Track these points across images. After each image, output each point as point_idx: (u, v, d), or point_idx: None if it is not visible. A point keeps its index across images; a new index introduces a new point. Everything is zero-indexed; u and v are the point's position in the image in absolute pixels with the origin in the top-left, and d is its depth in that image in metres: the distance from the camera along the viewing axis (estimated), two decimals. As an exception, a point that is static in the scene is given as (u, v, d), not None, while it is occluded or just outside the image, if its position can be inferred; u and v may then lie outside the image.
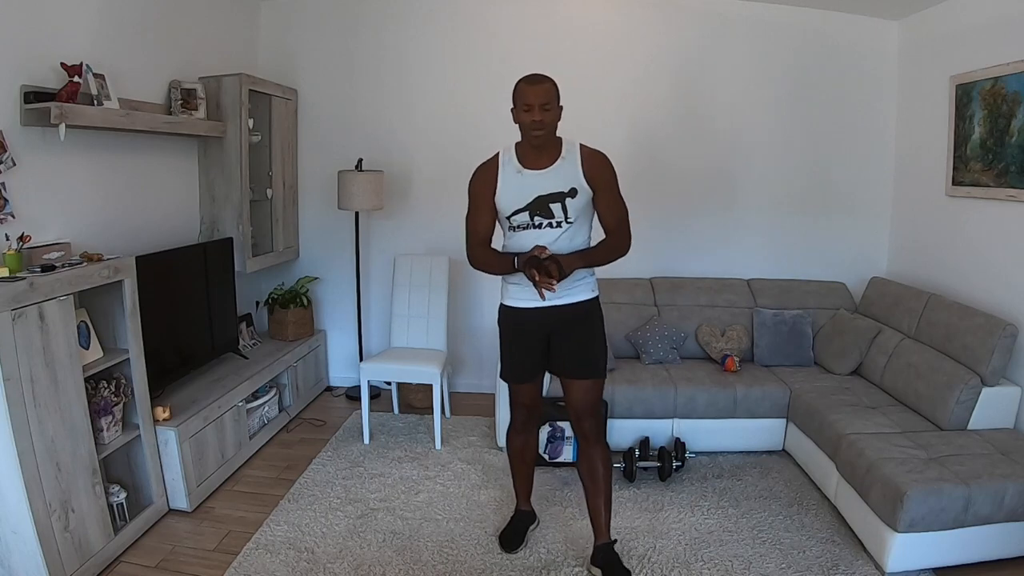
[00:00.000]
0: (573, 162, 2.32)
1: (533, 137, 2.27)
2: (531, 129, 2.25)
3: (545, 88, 2.25)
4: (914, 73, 3.95)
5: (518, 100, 2.28)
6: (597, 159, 2.34)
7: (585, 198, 2.32)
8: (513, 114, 2.32)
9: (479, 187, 2.39)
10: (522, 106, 2.25)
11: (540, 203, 2.30)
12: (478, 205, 2.41)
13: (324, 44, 4.26)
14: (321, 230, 4.42)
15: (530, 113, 2.23)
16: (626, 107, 4.19)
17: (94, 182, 2.86)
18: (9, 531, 2.16)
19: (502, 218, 2.39)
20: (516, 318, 2.44)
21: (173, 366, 3.13)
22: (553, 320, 2.38)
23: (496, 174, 2.36)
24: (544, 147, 2.32)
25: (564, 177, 2.30)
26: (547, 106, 2.23)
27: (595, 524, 2.53)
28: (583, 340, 2.44)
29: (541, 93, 2.23)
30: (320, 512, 2.92)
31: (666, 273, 4.24)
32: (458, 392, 4.41)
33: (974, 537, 2.47)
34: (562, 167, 2.31)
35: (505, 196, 2.34)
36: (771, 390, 3.47)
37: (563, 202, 2.29)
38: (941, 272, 3.68)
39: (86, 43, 2.73)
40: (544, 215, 2.30)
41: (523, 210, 2.31)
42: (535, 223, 2.31)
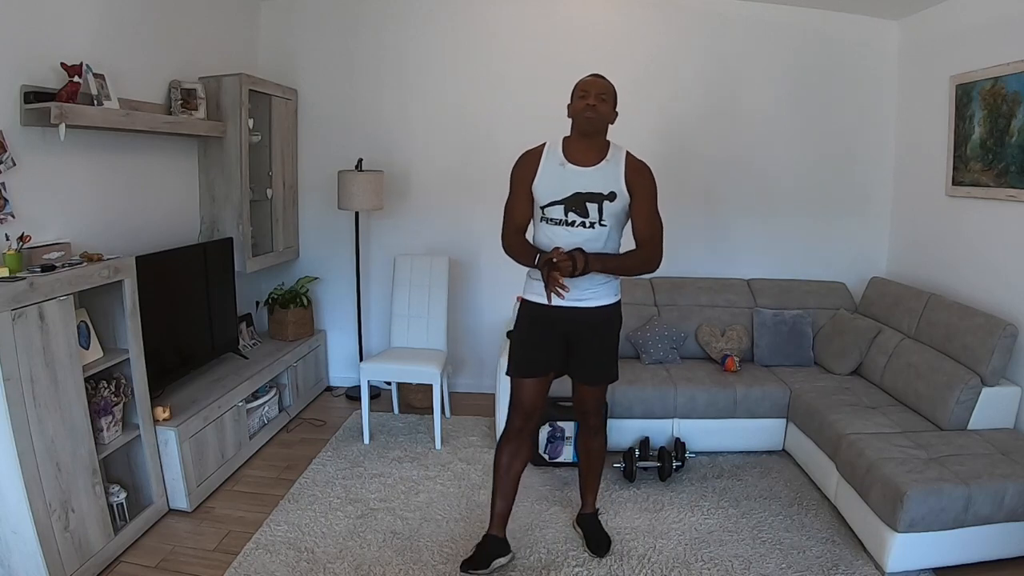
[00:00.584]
0: (617, 166, 2.32)
1: (585, 120, 2.28)
2: (583, 112, 2.27)
3: (603, 82, 2.34)
4: (914, 73, 3.96)
5: (576, 89, 2.33)
6: (641, 168, 2.35)
7: (622, 204, 2.31)
8: (568, 108, 2.35)
9: (520, 173, 2.39)
10: (579, 93, 2.31)
11: (577, 200, 2.30)
12: (516, 191, 2.41)
13: (324, 44, 4.26)
14: (321, 230, 4.42)
15: (585, 99, 2.27)
16: (625, 107, 4.16)
17: (94, 182, 2.86)
18: (9, 531, 2.16)
19: (536, 208, 2.38)
20: (538, 314, 2.42)
21: (173, 366, 3.13)
22: (573, 321, 2.37)
23: (538, 162, 2.36)
24: (592, 144, 2.33)
25: (606, 179, 2.30)
26: (603, 96, 2.28)
27: (584, 496, 2.77)
28: (601, 347, 2.45)
29: (599, 84, 2.32)
30: (320, 512, 2.92)
31: (666, 273, 4.21)
32: (458, 392, 4.41)
33: (974, 537, 2.47)
34: (605, 168, 2.32)
35: (543, 185, 2.34)
36: (771, 390, 3.47)
37: (600, 204, 2.29)
38: (941, 272, 3.68)
39: (86, 43, 2.73)
40: (579, 213, 2.30)
41: (559, 203, 2.31)
42: (568, 220, 2.31)
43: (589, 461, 2.72)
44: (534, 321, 2.44)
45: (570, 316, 2.36)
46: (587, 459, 2.72)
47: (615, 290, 2.43)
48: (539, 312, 2.40)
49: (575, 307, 2.35)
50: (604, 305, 2.40)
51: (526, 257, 2.35)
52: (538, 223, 2.40)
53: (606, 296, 2.39)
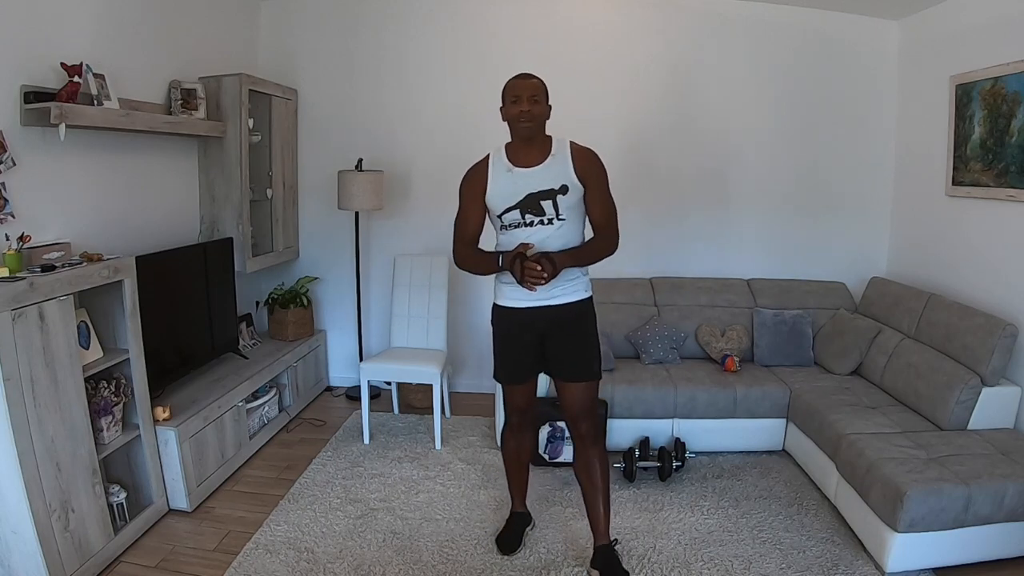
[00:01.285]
0: (564, 159, 2.32)
1: (522, 128, 2.27)
2: (519, 120, 2.26)
3: (533, 82, 2.30)
4: (914, 73, 3.95)
5: (507, 95, 2.31)
6: (588, 156, 2.35)
7: (577, 195, 2.31)
8: (502, 112, 2.34)
9: (468, 188, 2.40)
10: (510, 99, 2.28)
11: (531, 200, 2.30)
12: (467, 206, 2.41)
13: (324, 44, 4.26)
14: (321, 230, 4.42)
15: (518, 104, 2.26)
16: (626, 107, 4.19)
17: (94, 182, 2.86)
18: (9, 531, 2.16)
19: (493, 217, 2.39)
20: (509, 318, 2.43)
21: (173, 366, 3.13)
22: (547, 320, 2.38)
23: (486, 174, 2.36)
24: (534, 144, 2.32)
25: (555, 174, 2.30)
26: (535, 98, 2.26)
27: (594, 526, 2.52)
28: (577, 342, 2.43)
29: (529, 86, 2.28)
30: (320, 512, 2.92)
31: (666, 273, 4.24)
32: (458, 392, 4.41)
33: (974, 537, 2.47)
34: (553, 164, 2.31)
35: (496, 195, 2.34)
36: (771, 390, 3.47)
37: (554, 199, 2.29)
38: (941, 272, 3.68)
39: (86, 43, 2.73)
40: (535, 212, 2.30)
41: (514, 208, 2.31)
42: (526, 221, 2.31)
43: (591, 479, 2.48)
44: (510, 326, 2.45)
45: (544, 315, 2.37)
46: (589, 478, 2.49)
47: (586, 286, 2.44)
48: (514, 316, 2.41)
49: (548, 305, 2.35)
50: (576, 301, 2.39)
51: (486, 264, 2.37)
52: (499, 232, 2.41)
53: (576, 292, 2.39)
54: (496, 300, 2.47)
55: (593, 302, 2.47)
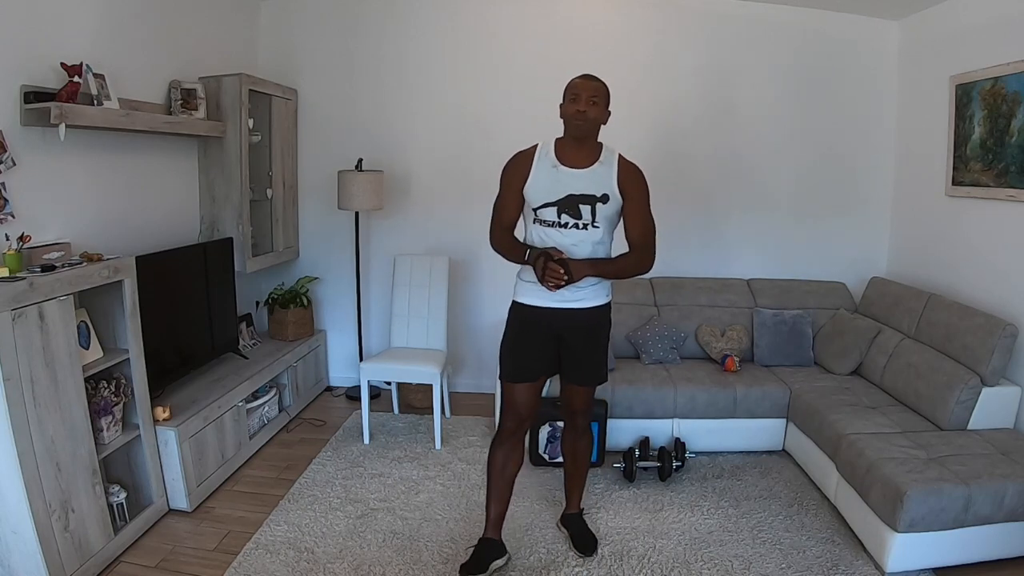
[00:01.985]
0: (610, 168, 2.33)
1: (575, 126, 2.28)
2: (574, 118, 2.26)
3: (595, 84, 2.31)
4: (914, 73, 3.96)
5: (567, 92, 2.32)
6: (633, 171, 2.36)
7: (615, 206, 2.32)
8: (560, 109, 2.34)
9: (511, 174, 2.39)
10: (570, 96, 2.29)
11: (570, 201, 2.30)
12: (507, 192, 2.40)
13: (324, 44, 4.26)
14: (321, 230, 4.42)
15: (575, 103, 2.26)
16: (625, 107, 4.16)
17: (94, 182, 2.86)
18: (9, 531, 2.16)
19: (528, 209, 2.38)
20: (527, 316, 2.42)
21: (173, 366, 3.13)
22: (565, 323, 2.38)
23: (531, 164, 2.35)
24: (584, 146, 2.33)
25: (598, 181, 2.31)
26: (594, 99, 2.27)
27: (569, 496, 2.79)
28: (591, 348, 2.45)
29: (589, 87, 2.29)
30: (320, 512, 2.92)
31: (666, 273, 4.24)
32: (458, 392, 4.41)
33: (974, 537, 2.47)
34: (598, 171, 2.32)
35: (535, 187, 2.33)
36: (771, 390, 3.47)
37: (593, 205, 2.29)
38: (941, 272, 3.68)
39: (86, 43, 2.73)
40: (572, 214, 2.30)
41: (552, 205, 2.31)
42: (562, 221, 2.31)
43: (576, 461, 2.74)
44: (525, 324, 2.43)
45: (562, 318, 2.37)
46: (573, 459, 2.74)
47: (607, 291, 2.44)
48: (531, 314, 2.41)
49: (567, 308, 2.36)
50: (596, 306, 2.40)
51: (516, 253, 2.38)
52: (530, 224, 2.41)
53: (597, 297, 2.40)
54: (516, 297, 2.46)
55: (611, 308, 2.48)
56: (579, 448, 2.70)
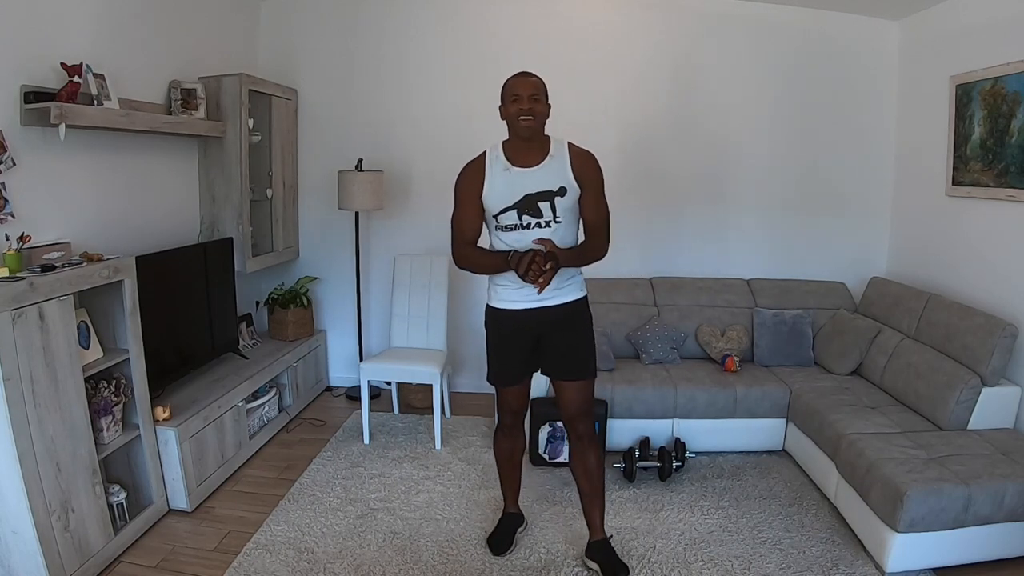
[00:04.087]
0: (562, 160, 2.30)
1: (522, 128, 2.24)
2: (519, 118, 2.23)
3: (533, 81, 2.28)
4: (914, 73, 3.95)
5: (507, 93, 2.29)
6: (586, 157, 2.33)
7: (573, 197, 2.30)
8: (501, 111, 2.32)
9: (466, 186, 2.35)
10: (511, 97, 2.26)
11: (529, 201, 2.27)
12: (464, 204, 2.36)
13: (324, 44, 4.26)
14: (321, 230, 4.42)
15: (518, 103, 2.23)
16: (626, 107, 4.19)
17: (94, 182, 2.86)
18: (9, 531, 2.16)
19: (489, 217, 2.36)
20: (503, 320, 2.42)
21: (173, 366, 3.13)
22: (542, 321, 2.37)
23: (483, 172, 2.32)
24: (532, 143, 2.30)
25: (553, 175, 2.28)
26: (536, 97, 2.24)
27: (590, 522, 2.58)
28: (573, 341, 2.43)
29: (529, 85, 2.26)
30: (320, 512, 2.92)
31: (666, 273, 4.24)
32: (458, 392, 4.41)
33: (974, 537, 2.47)
34: (551, 165, 2.30)
35: (493, 194, 2.31)
36: (771, 390, 3.47)
37: (552, 201, 2.27)
38: (941, 272, 3.68)
39: (86, 43, 2.73)
40: (533, 214, 2.28)
41: (511, 208, 2.29)
42: (523, 223, 2.29)
43: (589, 480, 2.53)
44: (504, 328, 2.44)
45: (539, 316, 2.36)
46: (586, 478, 2.53)
47: (580, 285, 2.44)
48: (506, 318, 2.41)
49: (542, 307, 2.34)
50: (572, 300, 2.40)
51: (491, 262, 2.33)
52: (493, 231, 2.39)
53: (571, 292, 2.40)
54: (490, 302, 2.46)
55: (588, 301, 2.47)
56: (590, 465, 2.52)
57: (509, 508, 2.79)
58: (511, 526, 2.74)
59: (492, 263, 2.33)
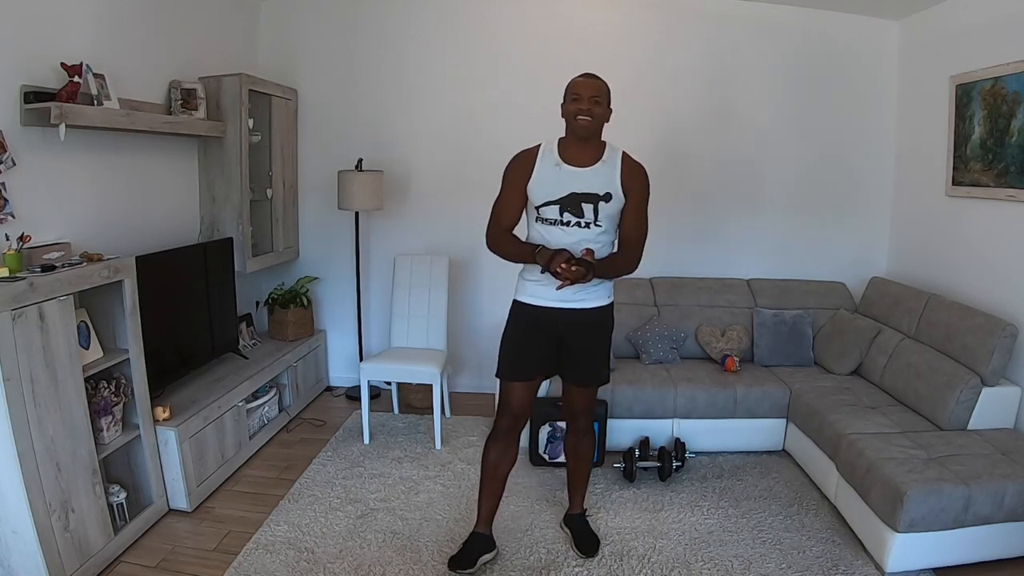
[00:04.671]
0: (613, 167, 2.32)
1: (579, 127, 2.27)
2: (576, 116, 2.26)
3: (597, 83, 2.31)
4: (914, 73, 3.96)
5: (568, 91, 2.32)
6: (637, 169, 2.36)
7: (617, 205, 2.32)
8: (562, 108, 2.34)
9: (514, 172, 2.38)
10: (571, 96, 2.29)
11: (573, 200, 2.29)
12: (509, 190, 2.39)
13: (324, 44, 4.26)
14: (321, 230, 4.42)
15: (578, 102, 2.26)
16: (625, 107, 4.15)
17: (94, 182, 2.86)
18: (9, 531, 2.16)
19: (530, 207, 2.38)
20: (528, 315, 2.42)
21: (173, 366, 3.13)
22: (565, 323, 2.38)
23: (534, 162, 2.35)
24: (587, 145, 2.33)
25: (602, 179, 2.30)
26: (596, 99, 2.27)
27: (572, 496, 2.78)
28: (592, 348, 2.45)
29: (592, 86, 2.29)
30: (320, 512, 2.92)
31: (666, 273, 4.24)
32: (458, 392, 4.41)
33: (974, 537, 2.47)
34: (602, 169, 2.31)
35: (539, 185, 2.33)
36: (771, 390, 3.47)
37: (596, 204, 2.29)
38: (941, 272, 3.68)
39: (86, 43, 2.73)
40: (575, 213, 2.30)
41: (554, 203, 2.30)
42: (564, 220, 2.30)
43: (578, 462, 2.73)
44: (527, 323, 2.43)
45: (564, 317, 2.37)
46: (575, 461, 2.73)
47: (609, 291, 2.44)
48: (532, 314, 2.41)
49: (570, 308, 2.36)
50: (599, 307, 2.41)
51: (519, 251, 2.34)
52: (532, 223, 2.41)
53: (599, 298, 2.40)
54: (517, 296, 2.46)
55: (613, 309, 2.47)
56: (581, 449, 2.69)
57: (479, 527, 2.57)
58: (477, 548, 2.52)
59: (520, 253, 2.34)
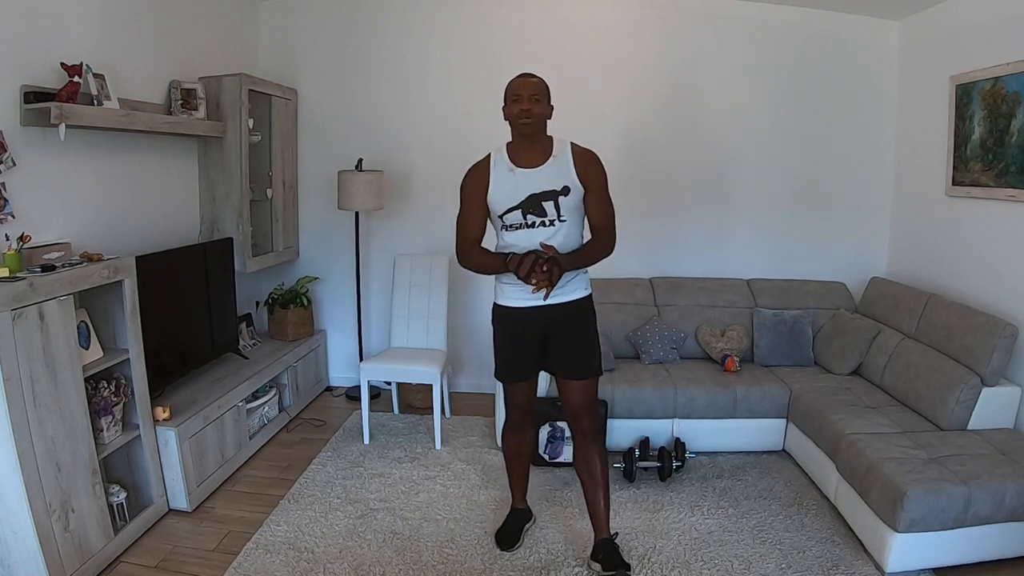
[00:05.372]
0: (565, 160, 2.34)
1: (522, 126, 2.29)
2: (519, 118, 2.28)
3: (534, 81, 2.32)
4: (914, 73, 3.95)
5: (508, 94, 2.33)
6: (589, 157, 2.37)
7: (577, 196, 2.34)
8: (504, 111, 2.35)
9: (471, 187, 2.41)
10: (512, 97, 2.31)
11: (533, 201, 2.31)
12: (469, 205, 2.42)
13: (324, 44, 4.26)
14: (321, 230, 4.42)
15: (519, 103, 2.28)
16: (626, 107, 4.19)
17: (94, 182, 2.86)
18: (9, 531, 2.16)
19: (495, 217, 2.41)
20: (510, 318, 2.45)
21: (173, 366, 3.13)
22: (547, 319, 2.40)
23: (488, 173, 2.37)
24: (535, 144, 2.34)
25: (556, 175, 2.32)
26: (536, 97, 2.28)
27: (595, 521, 2.57)
28: (578, 340, 2.46)
29: (530, 85, 2.30)
30: (320, 512, 2.92)
31: (666, 273, 4.24)
32: (458, 392, 4.41)
33: (974, 537, 2.47)
34: (554, 165, 2.33)
35: (498, 195, 2.35)
36: (771, 390, 3.47)
37: (556, 200, 2.31)
38: (941, 272, 3.68)
39: (86, 43, 2.73)
40: (537, 213, 2.32)
41: (516, 208, 2.33)
42: (528, 221, 2.33)
43: (592, 476, 2.53)
44: (510, 325, 2.47)
45: (544, 314, 2.39)
46: (590, 474, 2.53)
47: (585, 284, 2.46)
48: (513, 316, 2.44)
49: (548, 304, 2.37)
50: (576, 299, 2.43)
51: (491, 263, 2.38)
52: (499, 231, 2.43)
53: (576, 291, 2.42)
54: (497, 300, 2.49)
55: (592, 300, 2.50)
56: (593, 462, 2.52)
57: (517, 504, 2.82)
58: (519, 521, 2.78)
59: (493, 264, 2.38)
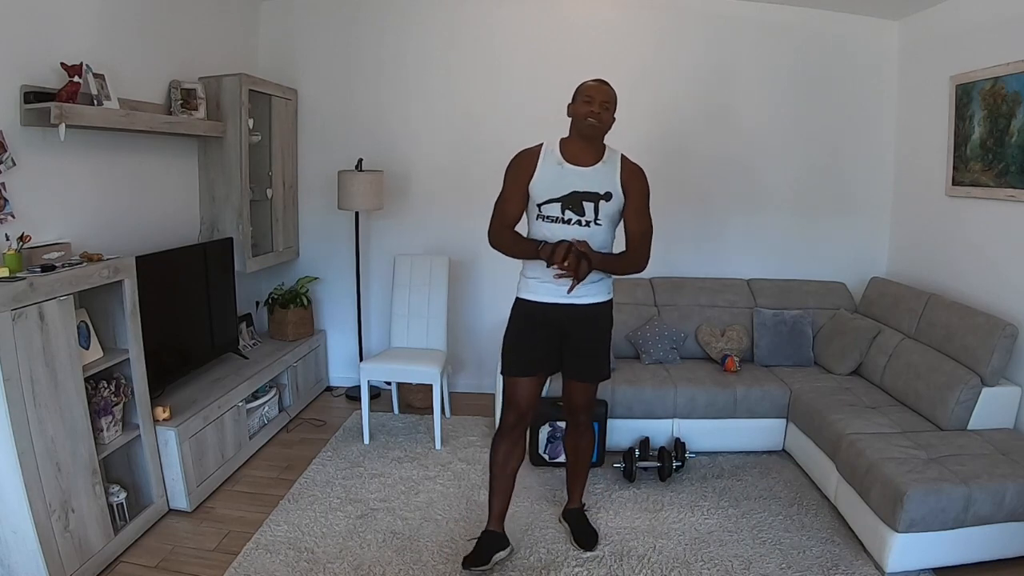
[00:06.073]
0: (613, 168, 2.39)
1: (587, 127, 2.32)
2: (586, 118, 2.31)
3: (607, 90, 2.37)
4: (914, 73, 3.96)
5: (580, 94, 2.36)
6: (635, 170, 2.42)
7: (617, 204, 2.38)
8: (569, 108, 2.39)
9: (515, 171, 2.43)
10: (583, 97, 2.34)
11: (574, 198, 2.34)
12: (511, 188, 2.44)
13: (324, 44, 4.26)
14: (321, 230, 4.42)
15: (590, 104, 2.31)
16: (625, 107, 4.15)
17: (94, 182, 2.86)
18: (9, 531, 2.16)
19: (532, 205, 2.42)
20: (531, 311, 2.46)
21: (173, 366, 3.13)
22: (568, 318, 2.42)
23: (536, 161, 2.40)
24: (590, 146, 2.38)
25: (602, 179, 2.36)
26: (607, 104, 2.33)
27: (571, 491, 2.83)
28: (594, 344, 2.50)
29: (604, 92, 2.35)
30: (320, 512, 2.92)
31: (666, 273, 4.24)
32: (458, 392, 4.41)
33: (974, 537, 2.47)
34: (602, 169, 2.37)
35: (541, 183, 2.37)
36: (771, 390, 3.47)
37: (597, 203, 2.34)
38: (941, 272, 3.68)
39: (86, 43, 2.73)
40: (576, 211, 2.34)
41: (556, 201, 2.35)
42: (565, 217, 2.35)
43: (578, 458, 2.78)
44: (529, 319, 2.47)
45: (565, 313, 2.42)
46: (575, 456, 2.79)
47: (608, 288, 2.49)
48: (535, 310, 2.45)
49: (570, 304, 2.40)
50: (598, 302, 2.45)
51: (522, 248, 2.40)
52: (533, 220, 2.44)
53: (599, 294, 2.45)
54: (519, 294, 2.51)
55: (612, 306, 2.53)
56: (581, 446, 2.74)
57: (492, 526, 2.58)
58: (492, 547, 2.53)
59: (523, 249, 2.40)
